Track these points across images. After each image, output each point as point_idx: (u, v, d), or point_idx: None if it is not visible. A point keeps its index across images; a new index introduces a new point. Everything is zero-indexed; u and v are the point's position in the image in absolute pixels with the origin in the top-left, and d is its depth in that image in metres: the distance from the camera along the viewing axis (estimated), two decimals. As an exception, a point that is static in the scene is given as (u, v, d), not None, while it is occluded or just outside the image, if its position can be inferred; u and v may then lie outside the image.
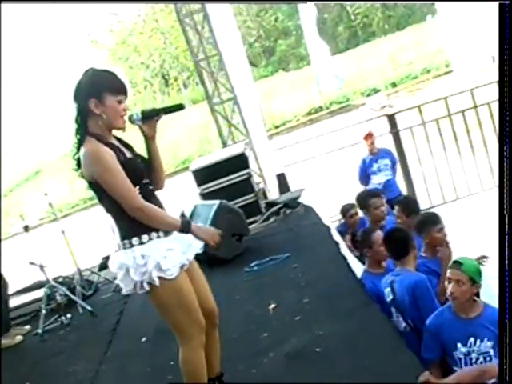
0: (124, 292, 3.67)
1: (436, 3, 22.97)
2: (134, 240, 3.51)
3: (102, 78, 3.52)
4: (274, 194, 9.06)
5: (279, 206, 8.36)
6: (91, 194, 3.78)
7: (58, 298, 7.27)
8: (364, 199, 6.90)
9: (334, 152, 10.64)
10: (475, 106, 10.17)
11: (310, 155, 10.56)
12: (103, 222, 8.15)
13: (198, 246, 3.81)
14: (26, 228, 7.45)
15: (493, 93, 10.17)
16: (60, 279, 7.73)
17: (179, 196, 11.30)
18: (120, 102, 3.52)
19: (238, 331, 5.41)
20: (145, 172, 3.70)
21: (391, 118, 10.41)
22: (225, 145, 9.76)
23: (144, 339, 5.91)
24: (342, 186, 6.86)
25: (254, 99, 10.12)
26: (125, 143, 3.73)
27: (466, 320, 4.18)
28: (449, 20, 21.03)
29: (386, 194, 7.72)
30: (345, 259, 6.14)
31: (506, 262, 2.97)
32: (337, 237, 6.94)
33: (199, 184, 8.32)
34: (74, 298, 7.31)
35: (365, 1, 33.52)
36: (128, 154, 3.62)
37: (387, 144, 9.69)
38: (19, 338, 6.88)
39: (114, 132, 3.68)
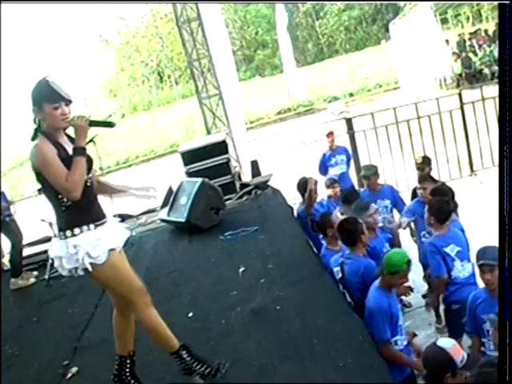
0: (64, 274, 3.60)
1: (390, 30, 23.05)
2: (68, 232, 3.46)
3: (39, 90, 3.45)
4: (247, 177, 9.02)
5: (251, 187, 8.33)
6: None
7: (63, 250, 7.18)
8: (304, 183, 6.72)
9: (299, 146, 10.68)
10: (418, 117, 10.27)
11: (279, 147, 10.58)
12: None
13: (126, 235, 3.78)
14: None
15: (433, 107, 10.29)
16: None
17: (168, 174, 11.26)
18: (56, 109, 3.41)
19: (211, 289, 5.40)
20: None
21: (349, 122, 10.46)
22: (209, 133, 9.70)
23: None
24: (304, 174, 6.81)
25: (236, 96, 10.08)
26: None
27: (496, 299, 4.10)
28: (400, 45, 21.18)
29: (340, 185, 7.75)
30: (303, 235, 6.13)
31: (506, 261, 2.83)
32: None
33: (185, 164, 8.25)
34: (76, 252, 7.21)
35: (356, 1, 33.50)
36: (71, 152, 3.48)
37: (344, 143, 9.70)
38: (32, 280, 6.97)
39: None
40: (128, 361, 3.83)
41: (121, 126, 24.21)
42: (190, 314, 4.91)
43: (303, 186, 6.61)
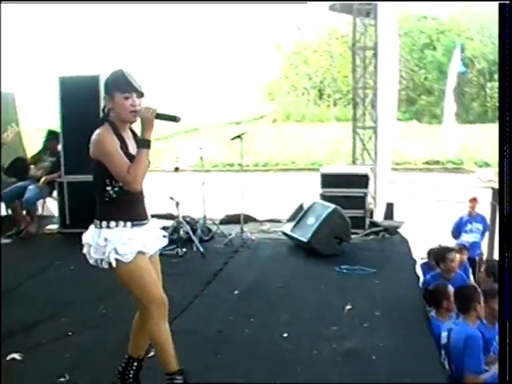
0: (91, 263, 3.56)
1: None
2: (104, 223, 3.46)
3: (114, 77, 3.47)
4: (379, 217, 8.84)
5: (380, 228, 8.17)
6: (232, 160, 3.73)
7: (181, 232, 7.41)
8: (441, 252, 6.54)
9: (438, 201, 10.38)
10: None
11: (418, 197, 10.33)
12: (231, 187, 8.27)
13: (162, 243, 3.75)
14: (177, 169, 7.58)
15: None
16: (187, 219, 7.84)
17: (301, 190, 11.29)
18: (127, 98, 3.42)
19: (312, 315, 5.33)
20: None
21: (495, 192, 9.99)
22: (354, 162, 9.61)
23: (236, 292, 5.91)
24: (435, 230, 6.60)
25: (391, 135, 9.92)
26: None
27: None
28: None
29: (469, 253, 7.50)
30: (420, 292, 5.93)
31: (506, 261, 2.70)
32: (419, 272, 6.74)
33: (323, 186, 8.21)
34: (193, 237, 7.40)
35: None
36: (131, 150, 3.47)
37: (484, 212, 9.32)
38: None
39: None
40: (135, 363, 3.83)
41: (270, 130, 24.61)
42: (285, 335, 4.87)
43: (439, 254, 6.47)
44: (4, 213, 8.88)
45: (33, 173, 8.35)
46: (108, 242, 3.43)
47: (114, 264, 3.44)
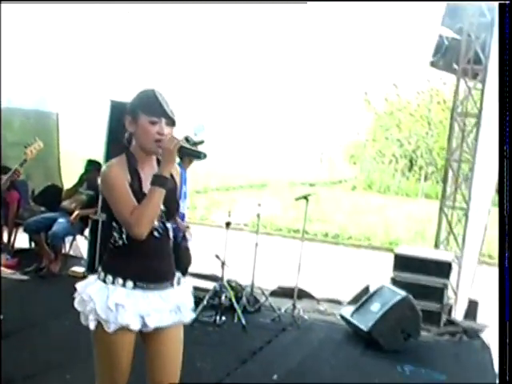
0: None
1: None
2: (101, 274, 3.26)
3: (141, 97, 3.31)
4: (458, 315, 8.58)
5: (459, 328, 7.94)
6: (298, 226, 3.66)
7: (223, 298, 7.39)
8: None
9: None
10: None
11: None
12: (291, 255, 8.22)
13: (185, 317, 3.43)
14: (228, 224, 7.59)
15: None
16: (233, 283, 7.81)
17: (370, 269, 11.14)
18: (153, 124, 3.22)
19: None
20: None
21: None
22: (437, 246, 9.41)
23: (275, 377, 5.83)
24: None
25: (483, 221, 9.69)
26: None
27: None
28: None
29: None
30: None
31: (506, 261, 2.61)
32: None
33: (395, 268, 8.07)
34: (235, 305, 7.38)
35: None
36: (146, 189, 3.24)
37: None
38: None
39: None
40: None
41: (347, 198, 24.56)
42: None
43: None
44: (26, 245, 9.05)
45: (65, 204, 8.52)
46: (90, 300, 3.23)
47: (91, 327, 3.26)
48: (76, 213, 8.36)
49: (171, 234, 3.43)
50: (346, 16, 24.51)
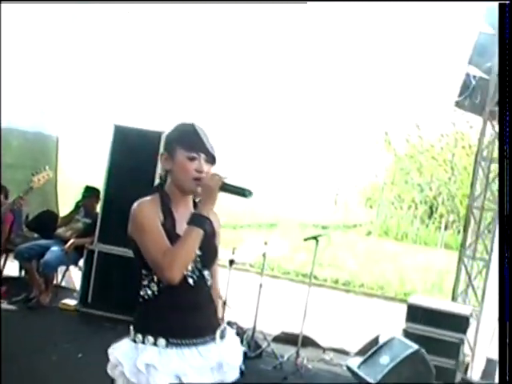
0: None
1: None
2: (131, 332, 3.10)
3: (180, 130, 3.21)
4: (475, 374, 8.48)
5: (475, 389, 7.85)
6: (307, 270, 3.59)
7: (222, 341, 7.28)
8: None
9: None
10: None
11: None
12: (298, 300, 8.16)
13: (230, 375, 3.27)
14: (231, 262, 7.58)
15: None
16: (234, 326, 7.73)
17: (383, 320, 11.03)
18: (192, 160, 3.10)
19: None
20: None
21: None
22: (454, 299, 9.33)
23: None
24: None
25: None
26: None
27: None
28: None
29: None
30: None
31: (506, 262, 3.01)
32: None
33: (408, 319, 8.00)
34: (235, 350, 7.27)
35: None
36: (179, 230, 3.09)
37: None
38: None
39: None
40: None
41: (361, 244, 24.52)
42: None
43: None
44: (16, 273, 9.03)
45: (60, 232, 8.52)
46: (118, 363, 3.05)
47: None
48: (71, 241, 8.35)
49: (209, 283, 3.26)
50: (370, 50, 24.74)
